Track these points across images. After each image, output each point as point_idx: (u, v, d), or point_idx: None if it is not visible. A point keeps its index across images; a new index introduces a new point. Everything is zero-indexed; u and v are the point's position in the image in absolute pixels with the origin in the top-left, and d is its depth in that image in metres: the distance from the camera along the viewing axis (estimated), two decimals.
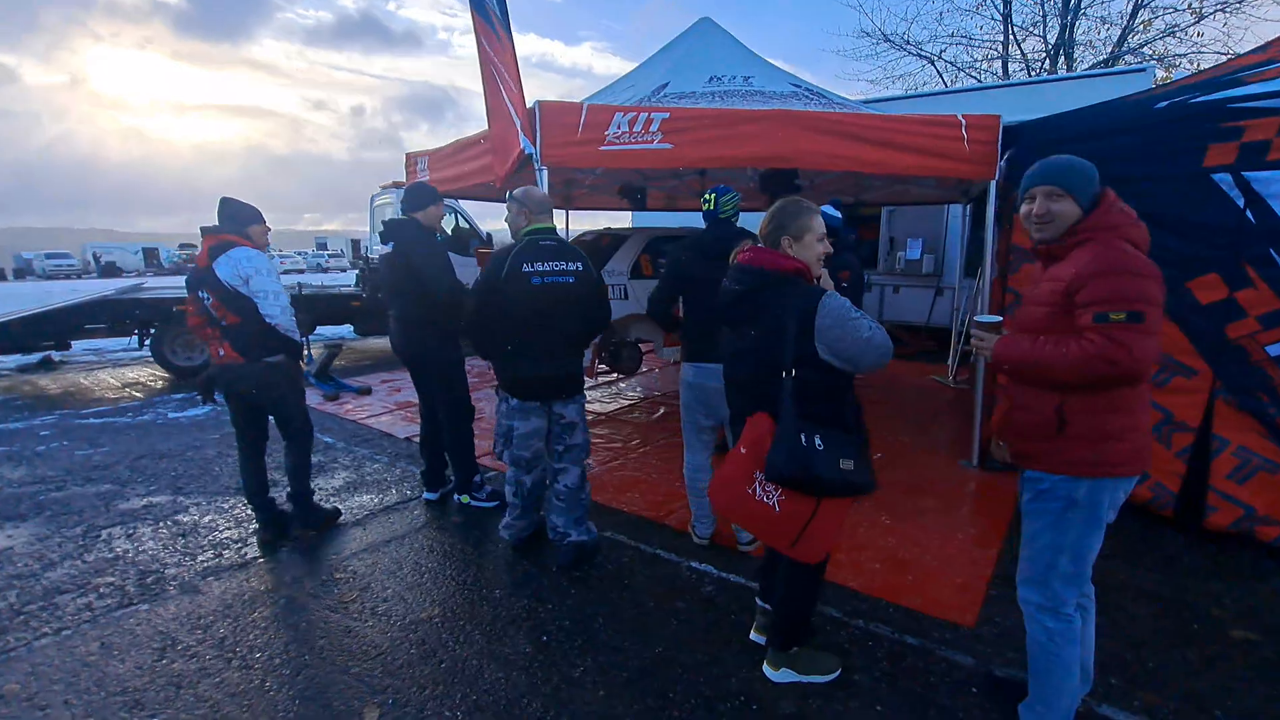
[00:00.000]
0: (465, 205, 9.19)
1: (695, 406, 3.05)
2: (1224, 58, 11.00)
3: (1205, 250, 3.17)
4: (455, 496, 3.66)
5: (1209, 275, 3.16)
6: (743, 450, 1.91)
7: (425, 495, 3.76)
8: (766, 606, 2.40)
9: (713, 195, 2.97)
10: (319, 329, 8.52)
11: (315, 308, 7.72)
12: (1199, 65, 10.37)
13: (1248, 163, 3.05)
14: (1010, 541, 3.30)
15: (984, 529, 3.44)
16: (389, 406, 5.91)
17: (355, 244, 59.57)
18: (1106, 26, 11.45)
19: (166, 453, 4.60)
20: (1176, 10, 10.64)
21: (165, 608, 2.66)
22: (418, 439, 4.88)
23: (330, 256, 45.26)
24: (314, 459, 4.43)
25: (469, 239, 9.26)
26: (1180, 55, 11.14)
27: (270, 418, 3.28)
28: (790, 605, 2.15)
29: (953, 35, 13.48)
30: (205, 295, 2.99)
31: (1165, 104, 3.36)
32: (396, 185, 8.94)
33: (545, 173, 3.74)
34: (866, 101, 8.21)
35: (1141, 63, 10.71)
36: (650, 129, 3.74)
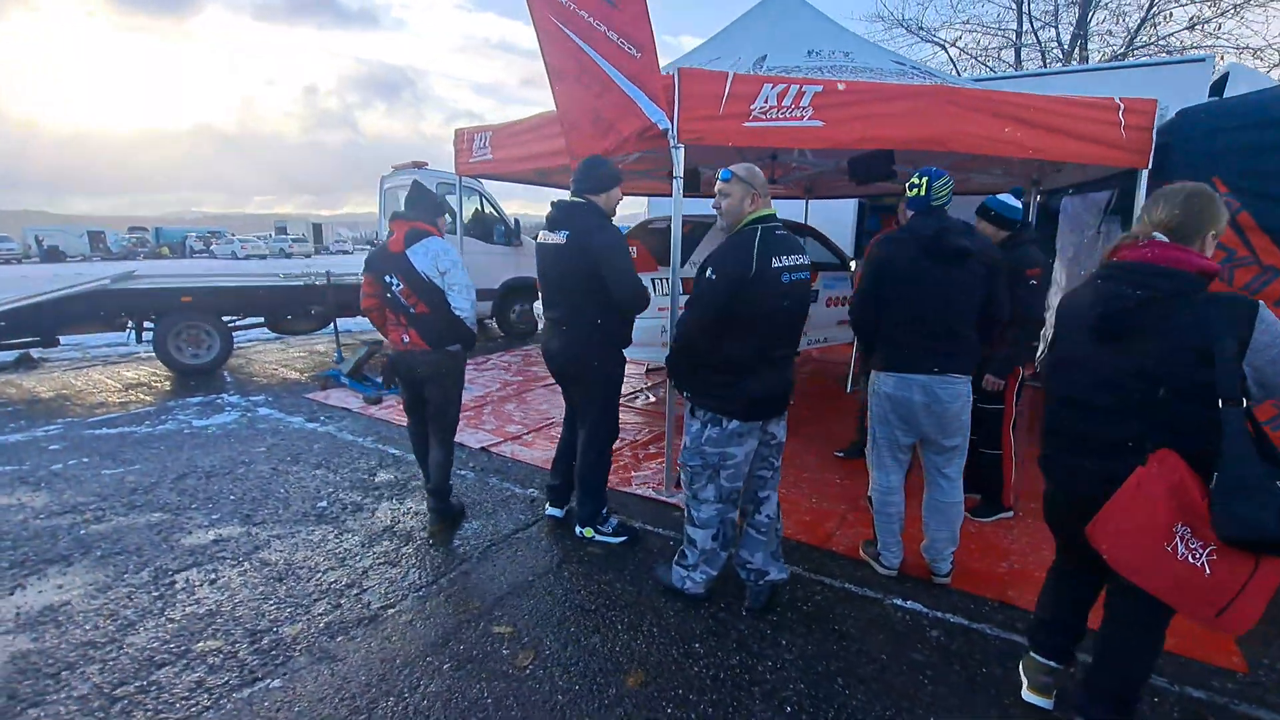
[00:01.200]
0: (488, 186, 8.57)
1: (895, 422, 2.66)
2: (1240, 52, 11.07)
3: None
4: (577, 529, 3.19)
5: None
6: (1151, 494, 1.51)
7: (549, 511, 3.32)
8: (1052, 664, 2.05)
9: (923, 179, 2.57)
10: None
11: (342, 297, 7.04)
12: (1222, 57, 10.42)
13: None
14: None
15: None
16: None
17: (317, 228, 57.15)
18: (1124, 17, 11.45)
19: (212, 470, 3.99)
20: (1196, 2, 10.69)
21: (302, 683, 2.15)
22: (494, 449, 4.39)
23: (294, 241, 43.13)
24: (390, 476, 3.91)
25: (494, 225, 8.63)
26: (1196, 48, 11.18)
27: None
28: (1131, 671, 1.79)
29: (967, 22, 13.31)
30: (394, 281, 2.97)
31: None
32: (416, 165, 8.27)
33: (682, 152, 3.28)
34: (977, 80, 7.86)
35: (1152, 55, 10.71)
36: (801, 103, 3.31)
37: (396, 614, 2.54)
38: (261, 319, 7.06)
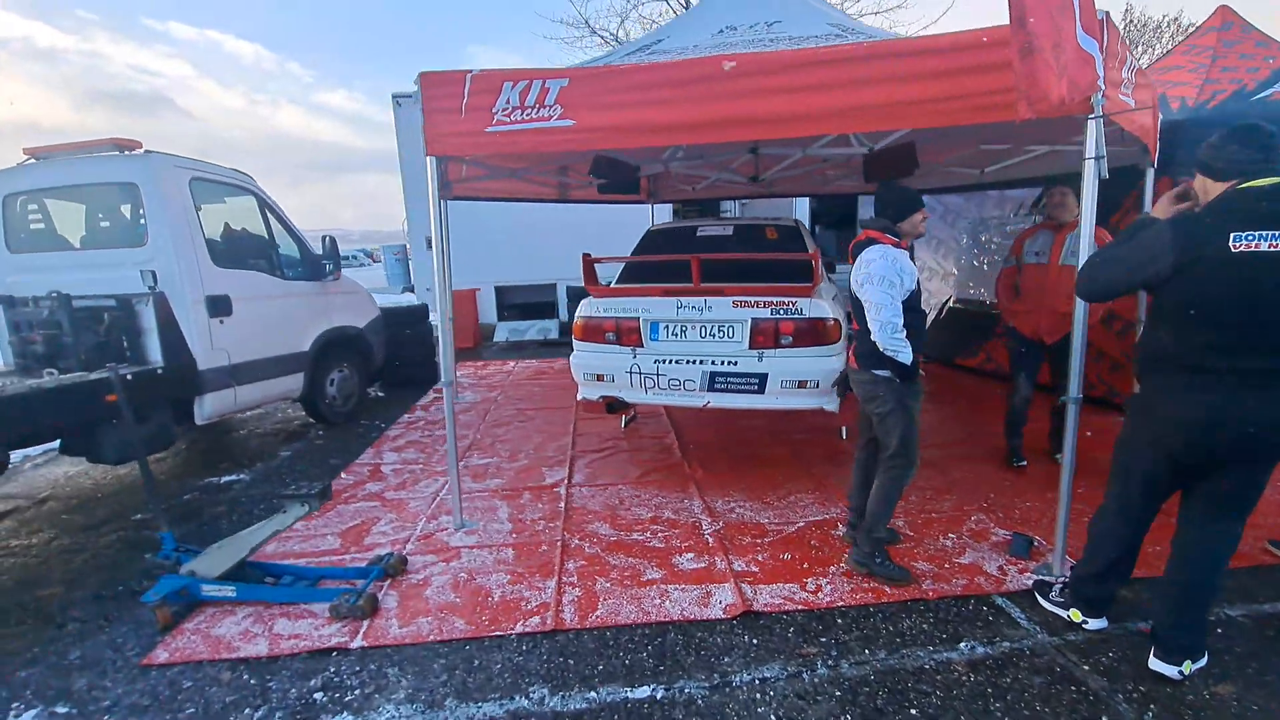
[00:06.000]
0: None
1: None
2: None
3: None
4: (1174, 669, 2.14)
5: None
6: None
7: (1094, 625, 2.42)
8: None
9: None
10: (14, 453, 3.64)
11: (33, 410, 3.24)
12: None
13: None
14: None
15: None
16: (521, 574, 2.98)
17: None
18: None
19: None
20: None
21: None
22: (777, 608, 2.59)
23: None
24: None
25: (268, 249, 5.10)
26: None
27: None
28: None
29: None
30: None
31: None
32: (121, 145, 4.39)
33: (1099, 126, 2.45)
34: None
35: None
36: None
37: None
38: None
